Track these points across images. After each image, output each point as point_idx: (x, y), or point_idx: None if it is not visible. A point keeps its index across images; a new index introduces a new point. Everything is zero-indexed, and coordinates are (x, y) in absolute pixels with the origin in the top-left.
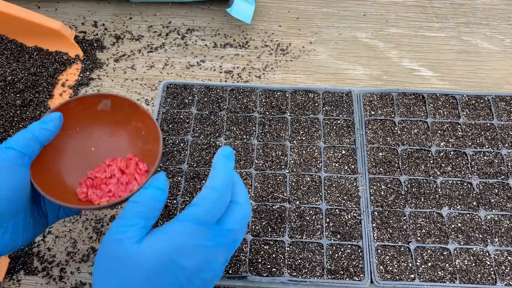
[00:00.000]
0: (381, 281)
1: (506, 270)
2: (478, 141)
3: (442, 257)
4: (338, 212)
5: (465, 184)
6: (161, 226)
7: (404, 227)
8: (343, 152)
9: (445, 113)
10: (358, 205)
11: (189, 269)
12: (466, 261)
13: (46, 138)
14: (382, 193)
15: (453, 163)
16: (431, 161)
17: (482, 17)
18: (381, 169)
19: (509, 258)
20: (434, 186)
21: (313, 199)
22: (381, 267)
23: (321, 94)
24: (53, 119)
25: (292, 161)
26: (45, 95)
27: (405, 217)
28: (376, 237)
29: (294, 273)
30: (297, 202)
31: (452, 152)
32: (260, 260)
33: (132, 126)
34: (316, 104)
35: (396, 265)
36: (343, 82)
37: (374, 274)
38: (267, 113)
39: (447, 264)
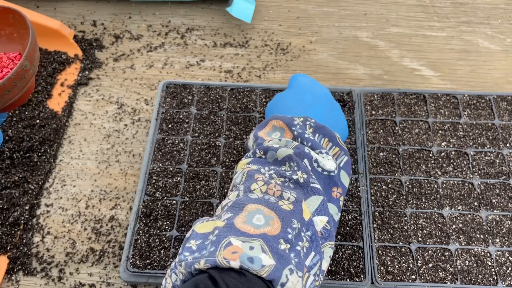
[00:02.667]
0: (382, 282)
1: (508, 271)
2: (479, 141)
3: (443, 257)
4: None
5: (466, 184)
6: None
7: (405, 227)
8: None
9: (446, 113)
10: (359, 206)
11: None
12: (467, 261)
13: None
14: (383, 193)
15: (454, 163)
16: (432, 161)
17: (483, 16)
18: (382, 169)
19: (510, 258)
20: (435, 186)
21: None
22: (382, 268)
23: None
24: None
25: None
26: (44, 95)
27: (406, 218)
28: (377, 238)
29: None
30: None
31: (453, 152)
32: None
33: (3, 36)
34: None
35: (397, 266)
36: (344, 81)
37: (375, 275)
38: None
39: (448, 265)
